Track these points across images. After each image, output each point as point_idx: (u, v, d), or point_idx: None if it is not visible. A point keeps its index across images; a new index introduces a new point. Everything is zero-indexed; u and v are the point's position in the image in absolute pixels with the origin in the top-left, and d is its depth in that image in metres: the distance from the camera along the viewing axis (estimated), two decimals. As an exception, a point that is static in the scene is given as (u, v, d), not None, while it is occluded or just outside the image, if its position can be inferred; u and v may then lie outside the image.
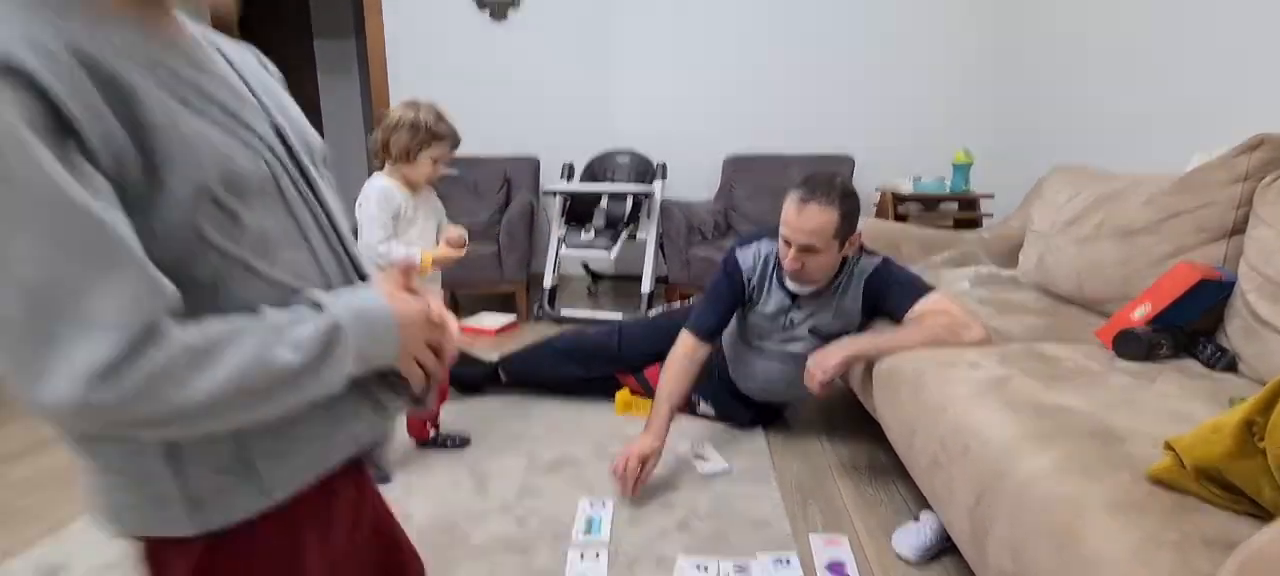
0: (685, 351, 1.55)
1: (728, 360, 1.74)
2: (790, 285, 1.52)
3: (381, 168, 1.55)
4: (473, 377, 1.99)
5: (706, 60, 3.29)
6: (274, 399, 0.42)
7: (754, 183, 3.15)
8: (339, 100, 5.29)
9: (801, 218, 1.38)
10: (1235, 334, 1.22)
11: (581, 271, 3.56)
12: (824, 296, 1.53)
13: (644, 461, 1.41)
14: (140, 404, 0.36)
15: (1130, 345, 1.23)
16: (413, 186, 1.53)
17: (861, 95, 3.22)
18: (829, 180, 1.40)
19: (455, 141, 1.55)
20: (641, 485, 1.42)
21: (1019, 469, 0.88)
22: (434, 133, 1.47)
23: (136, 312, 0.35)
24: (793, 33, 3.21)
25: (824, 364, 1.40)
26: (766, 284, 1.57)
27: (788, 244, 1.42)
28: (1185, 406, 1.00)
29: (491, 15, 3.43)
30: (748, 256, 1.57)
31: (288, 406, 0.43)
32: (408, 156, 1.48)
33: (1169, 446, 0.77)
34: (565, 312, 2.91)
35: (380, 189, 1.48)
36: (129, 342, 0.35)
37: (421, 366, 0.52)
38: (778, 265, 1.52)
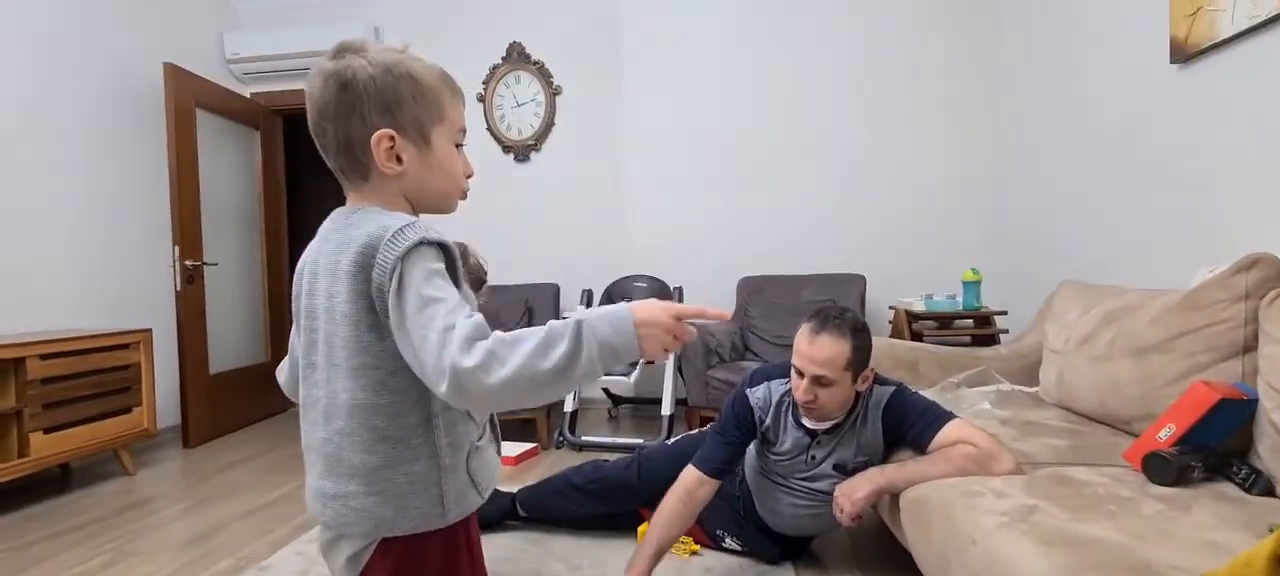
0: (687, 488, 1.52)
1: (753, 496, 1.70)
2: (806, 422, 1.53)
3: None
4: (490, 513, 1.97)
5: (718, 188, 3.49)
6: (554, 379, 0.61)
7: (768, 303, 3.22)
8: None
9: (814, 347, 1.41)
10: (1267, 454, 1.20)
11: (602, 396, 3.57)
12: (842, 431, 1.52)
13: None
14: (483, 372, 0.59)
15: (1160, 469, 1.20)
16: None
17: (870, 216, 3.36)
18: (840, 313, 1.44)
19: (478, 280, 1.57)
20: None
21: (1055, 609, 0.85)
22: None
23: (478, 324, 0.62)
24: (800, 157, 3.41)
25: (852, 496, 1.38)
26: (781, 422, 1.56)
27: (800, 375, 1.44)
28: (1223, 536, 0.97)
29: (516, 158, 3.72)
30: (758, 395, 1.57)
31: (562, 385, 0.62)
32: None
33: (1204, 584, 0.75)
34: (586, 438, 2.91)
35: None
36: (475, 331, 0.61)
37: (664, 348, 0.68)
38: (792, 403, 1.53)
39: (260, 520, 2.17)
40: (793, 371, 1.47)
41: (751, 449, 1.69)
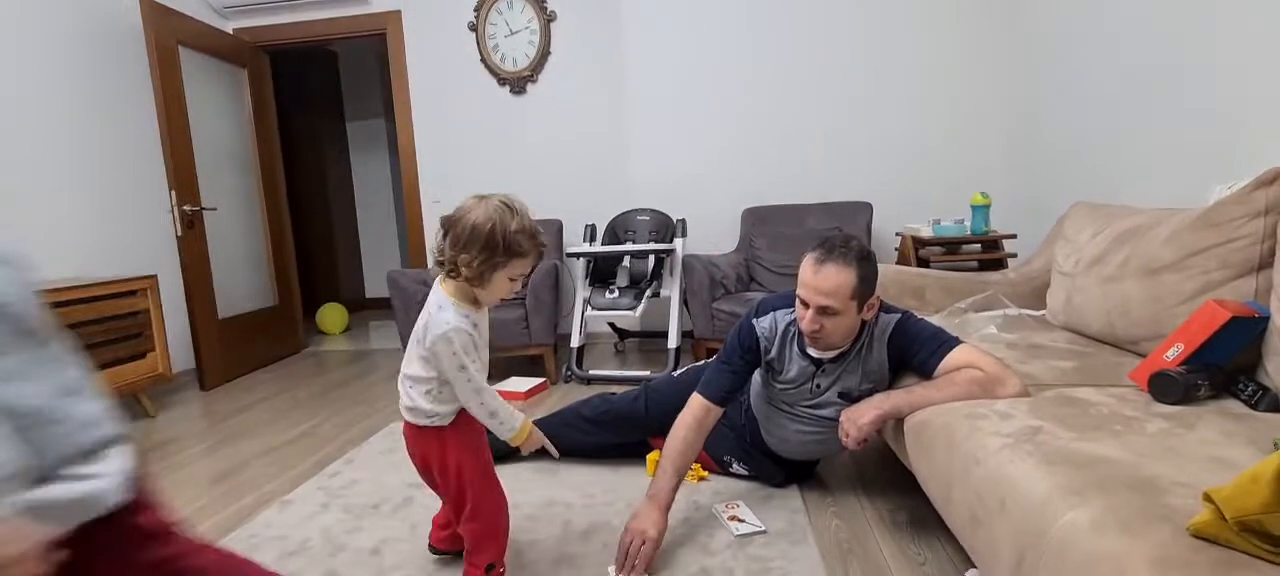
0: (694, 416, 1.54)
1: (759, 423, 1.73)
2: (812, 351, 1.53)
3: (452, 274, 1.21)
4: (503, 446, 2.01)
5: (720, 116, 3.39)
6: None
7: (773, 233, 3.19)
8: (370, 174, 5.54)
9: (818, 277, 1.39)
10: (1275, 371, 1.19)
11: (608, 330, 3.60)
12: (848, 359, 1.52)
13: (657, 542, 1.40)
14: None
15: (1166, 387, 1.21)
16: (479, 304, 1.26)
17: (876, 141, 3.27)
18: (845, 242, 1.42)
19: (539, 255, 1.27)
20: (650, 566, 1.40)
21: (1057, 526, 0.86)
22: (513, 249, 1.19)
23: None
24: (803, 83, 3.30)
25: (857, 421, 1.40)
26: (787, 352, 1.56)
27: (805, 305, 1.43)
28: (1228, 452, 0.98)
29: (511, 91, 3.61)
30: (764, 325, 1.57)
31: None
32: (480, 280, 1.19)
33: (1208, 498, 0.76)
34: (593, 372, 2.95)
35: (458, 330, 1.19)
36: None
37: None
38: (797, 332, 1.53)
39: (281, 456, 2.24)
40: (798, 301, 1.46)
41: (757, 377, 1.70)
